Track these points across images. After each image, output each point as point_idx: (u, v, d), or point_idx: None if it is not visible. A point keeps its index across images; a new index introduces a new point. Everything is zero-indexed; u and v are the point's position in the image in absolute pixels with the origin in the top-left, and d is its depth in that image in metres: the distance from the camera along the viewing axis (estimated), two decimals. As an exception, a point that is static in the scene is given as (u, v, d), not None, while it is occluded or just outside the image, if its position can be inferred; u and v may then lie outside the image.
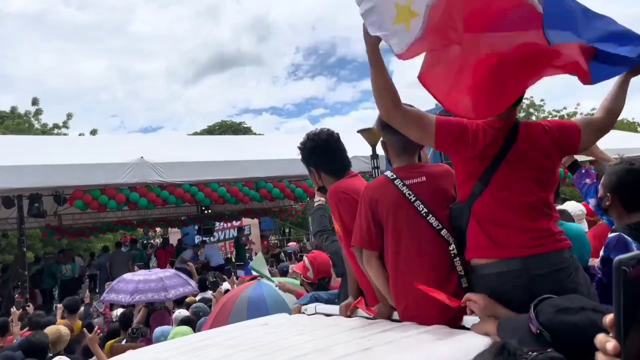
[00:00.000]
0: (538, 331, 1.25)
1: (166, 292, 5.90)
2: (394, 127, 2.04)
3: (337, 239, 3.08)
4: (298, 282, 4.16)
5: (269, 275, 5.38)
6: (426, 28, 1.74)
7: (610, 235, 2.28)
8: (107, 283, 7.98)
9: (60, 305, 6.74)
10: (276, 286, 4.00)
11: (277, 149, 11.55)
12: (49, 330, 4.42)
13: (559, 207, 3.06)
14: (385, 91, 1.94)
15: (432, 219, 2.14)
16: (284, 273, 6.83)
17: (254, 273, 5.24)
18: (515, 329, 1.37)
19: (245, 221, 17.52)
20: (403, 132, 2.04)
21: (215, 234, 18.14)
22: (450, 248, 2.11)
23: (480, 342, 1.68)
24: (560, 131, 2.04)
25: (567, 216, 2.96)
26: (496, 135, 1.98)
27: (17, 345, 4.60)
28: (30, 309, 7.04)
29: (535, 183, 1.96)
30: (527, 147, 1.97)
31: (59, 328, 4.47)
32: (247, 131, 32.21)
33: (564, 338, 1.21)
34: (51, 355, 4.11)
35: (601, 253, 2.33)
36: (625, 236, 2.21)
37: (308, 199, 11.48)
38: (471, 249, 2.02)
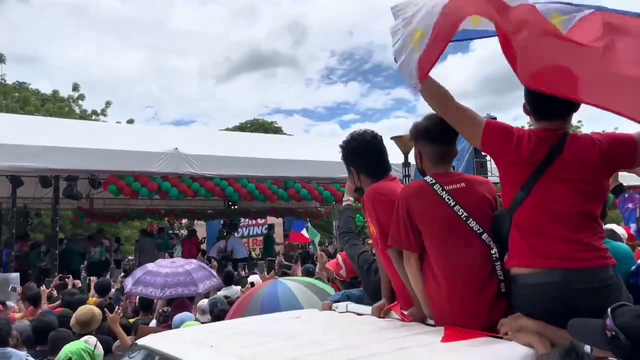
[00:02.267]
0: (613, 333, 1.26)
1: (196, 286, 5.96)
2: (450, 123, 2.15)
3: (357, 243, 3.10)
4: (316, 282, 4.21)
5: (316, 243, 5.53)
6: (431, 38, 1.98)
7: None
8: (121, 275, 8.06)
9: (94, 278, 6.90)
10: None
11: (308, 150, 11.64)
12: (82, 309, 4.49)
13: (608, 226, 3.01)
14: (434, 95, 2.15)
15: (472, 223, 2.14)
16: (309, 274, 6.86)
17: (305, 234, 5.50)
18: (587, 329, 1.40)
19: (270, 219, 17.64)
20: (457, 129, 2.17)
21: (239, 229, 18.30)
22: (492, 252, 2.11)
23: (519, 353, 1.67)
24: (611, 145, 2.00)
25: (616, 236, 2.90)
26: (540, 144, 1.98)
27: None
28: (70, 280, 7.20)
29: (579, 195, 1.94)
30: (573, 159, 1.95)
31: (92, 308, 4.54)
32: (277, 131, 32.44)
33: None
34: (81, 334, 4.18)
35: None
36: None
37: (334, 202, 11.51)
38: (512, 257, 2.02)
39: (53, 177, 9.38)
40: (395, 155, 9.02)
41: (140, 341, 2.05)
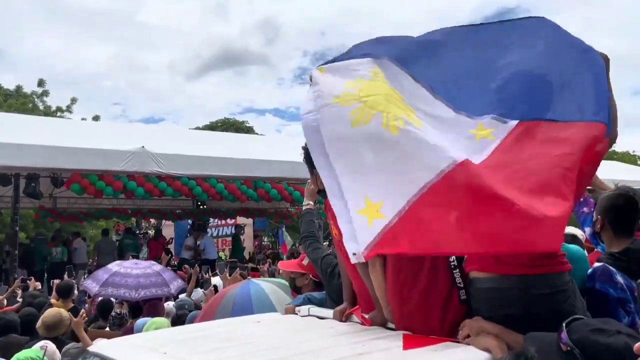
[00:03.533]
0: (568, 348, 1.26)
1: (167, 286, 6.02)
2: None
3: (320, 247, 3.10)
4: (287, 283, 4.18)
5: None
6: (388, 231, 1.82)
7: (596, 265, 2.28)
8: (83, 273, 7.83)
9: (57, 281, 6.69)
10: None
11: (279, 150, 11.54)
12: (50, 312, 4.32)
13: (571, 230, 3.06)
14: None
15: None
16: (272, 275, 6.83)
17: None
18: (543, 343, 1.39)
19: (240, 220, 17.47)
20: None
21: (208, 230, 18.04)
22: (450, 259, 2.11)
23: (478, 358, 1.67)
24: None
25: (577, 241, 2.94)
26: None
27: None
28: (32, 282, 6.94)
29: None
30: None
31: (60, 311, 4.38)
32: (249, 130, 32.19)
33: (596, 357, 1.23)
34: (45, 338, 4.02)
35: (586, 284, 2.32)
36: (610, 267, 2.21)
37: (304, 203, 11.46)
38: (472, 261, 2.02)
39: (13, 175, 9.05)
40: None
41: (92, 347, 1.98)
